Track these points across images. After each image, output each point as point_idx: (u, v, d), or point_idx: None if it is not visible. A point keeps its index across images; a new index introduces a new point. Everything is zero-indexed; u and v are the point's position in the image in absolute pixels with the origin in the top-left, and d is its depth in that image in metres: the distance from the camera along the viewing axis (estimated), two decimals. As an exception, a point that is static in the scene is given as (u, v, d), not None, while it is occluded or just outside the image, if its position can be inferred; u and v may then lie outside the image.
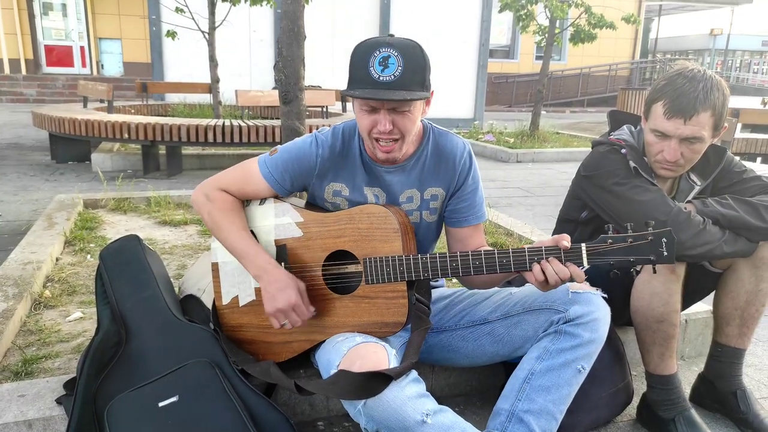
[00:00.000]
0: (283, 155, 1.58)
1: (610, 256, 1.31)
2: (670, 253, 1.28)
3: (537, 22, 9.69)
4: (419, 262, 1.41)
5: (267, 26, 10.92)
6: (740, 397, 1.78)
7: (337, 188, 1.58)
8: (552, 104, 18.88)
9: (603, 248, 1.31)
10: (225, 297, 1.64)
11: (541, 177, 6.74)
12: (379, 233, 1.45)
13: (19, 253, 2.69)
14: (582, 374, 1.47)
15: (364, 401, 1.25)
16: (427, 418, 1.25)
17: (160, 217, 3.69)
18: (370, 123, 1.42)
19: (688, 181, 1.78)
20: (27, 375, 1.80)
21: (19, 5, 14.66)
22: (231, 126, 5.59)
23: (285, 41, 2.99)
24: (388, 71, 1.35)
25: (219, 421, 1.40)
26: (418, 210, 1.61)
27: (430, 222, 1.64)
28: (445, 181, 1.60)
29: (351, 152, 1.58)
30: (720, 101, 1.56)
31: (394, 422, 1.24)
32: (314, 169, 1.56)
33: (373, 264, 1.44)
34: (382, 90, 1.35)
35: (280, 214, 1.58)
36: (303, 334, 1.55)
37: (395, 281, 1.44)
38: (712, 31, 36.17)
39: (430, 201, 1.61)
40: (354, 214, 1.49)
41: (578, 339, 1.45)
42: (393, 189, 1.58)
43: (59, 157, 6.39)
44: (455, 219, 1.65)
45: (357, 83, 1.38)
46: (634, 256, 1.30)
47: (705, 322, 2.20)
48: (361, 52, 1.38)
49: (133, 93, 11.18)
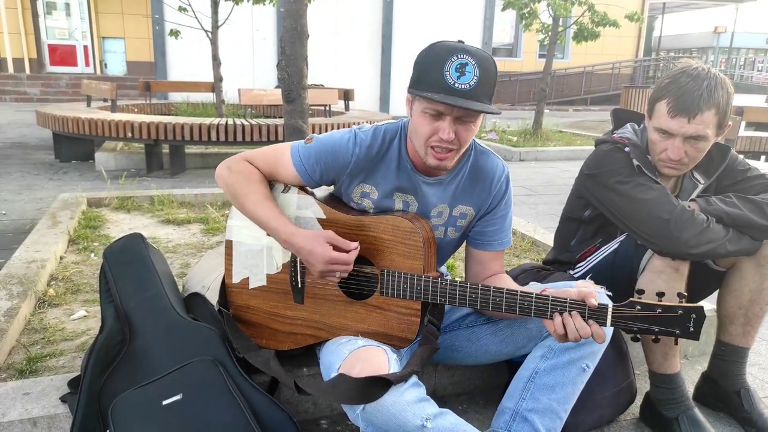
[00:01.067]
0: (318, 146, 1.51)
1: (634, 323, 1.28)
2: (697, 330, 1.25)
3: (540, 20, 9.66)
4: (438, 286, 1.38)
5: (270, 25, 10.92)
6: (744, 396, 1.78)
7: (366, 190, 1.53)
8: (555, 103, 18.84)
9: (629, 313, 1.28)
10: (236, 276, 1.63)
11: (544, 175, 6.73)
12: (402, 248, 1.42)
13: (23, 251, 2.70)
14: (586, 373, 1.46)
15: (363, 406, 1.24)
16: (427, 423, 1.23)
17: (163, 216, 3.70)
18: (431, 129, 1.36)
19: (691, 179, 1.78)
20: (31, 373, 1.81)
21: (22, 5, 14.70)
22: (234, 125, 5.60)
23: (288, 40, 2.99)
24: (464, 79, 1.29)
25: (222, 419, 1.40)
26: (444, 225, 1.57)
27: (453, 239, 1.60)
28: (477, 201, 1.56)
29: (389, 155, 1.51)
30: (724, 100, 1.56)
31: (393, 427, 1.23)
32: (347, 166, 1.50)
33: (391, 277, 1.42)
34: (458, 98, 1.29)
35: (302, 206, 1.54)
36: (309, 329, 1.55)
37: (411, 299, 1.41)
38: (716, 28, 36.05)
39: (458, 219, 1.57)
40: (379, 223, 1.45)
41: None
42: (427, 201, 1.53)
43: (63, 156, 6.41)
44: (480, 242, 1.60)
45: (429, 86, 1.30)
46: (659, 326, 1.27)
47: (709, 320, 2.18)
48: (435, 54, 1.31)
49: (137, 92, 11.22)
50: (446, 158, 1.40)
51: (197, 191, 4.27)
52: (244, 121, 5.84)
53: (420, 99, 1.34)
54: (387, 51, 11.58)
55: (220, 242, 3.17)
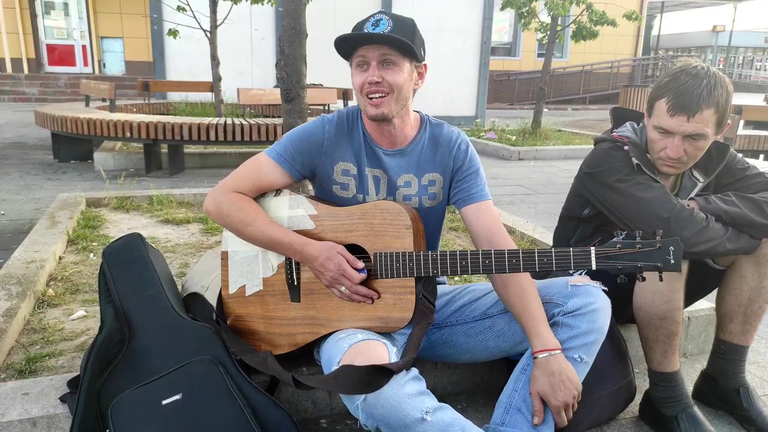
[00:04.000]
0: (290, 136, 1.60)
1: (618, 261, 1.32)
2: (677, 262, 1.29)
3: (539, 19, 9.67)
4: (429, 258, 1.42)
5: (268, 24, 10.92)
6: (743, 395, 1.78)
7: (345, 167, 1.61)
8: (554, 102, 18.85)
9: (612, 252, 1.32)
10: (232, 286, 1.64)
11: (544, 175, 6.73)
12: (392, 229, 1.46)
13: (22, 251, 2.69)
14: (581, 364, 1.47)
15: (365, 397, 1.25)
16: (426, 416, 1.25)
17: (162, 216, 3.70)
18: (362, 79, 1.48)
19: (691, 178, 1.78)
20: (31, 373, 1.81)
21: (21, 4, 14.68)
22: (233, 124, 5.60)
23: (287, 40, 2.99)
24: (379, 29, 1.43)
25: (222, 418, 1.40)
26: (417, 195, 1.64)
27: (429, 207, 1.66)
28: (441, 166, 1.64)
29: (355, 133, 1.62)
30: (723, 98, 1.56)
31: (393, 420, 1.24)
32: (322, 145, 1.58)
33: (384, 259, 1.45)
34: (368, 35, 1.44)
35: (294, 205, 1.58)
36: (307, 327, 1.55)
37: (404, 276, 1.44)
38: (715, 27, 36.06)
39: (428, 186, 1.65)
40: (367, 210, 1.50)
41: (575, 330, 1.46)
42: (391, 172, 1.62)
43: (62, 156, 6.40)
44: (462, 199, 1.64)
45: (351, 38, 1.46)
46: (641, 261, 1.31)
47: (708, 319, 2.20)
48: (360, 21, 1.49)
49: (135, 92, 11.19)
50: (381, 103, 1.49)
51: (196, 191, 4.26)
52: (243, 120, 5.84)
53: (348, 55, 1.50)
54: (386, 50, 11.59)
55: (219, 242, 3.17)
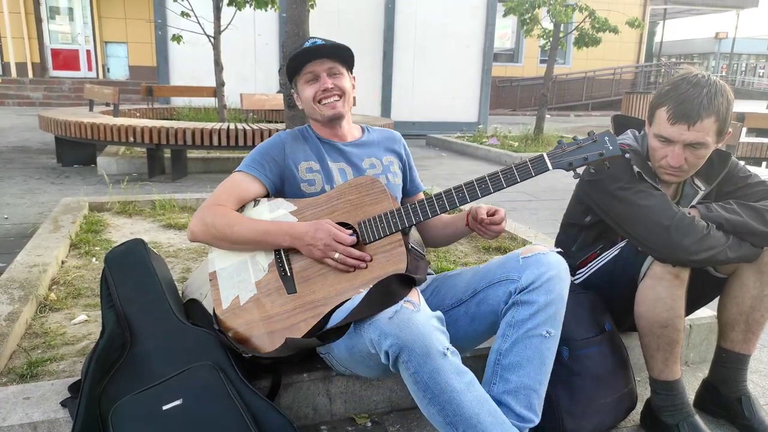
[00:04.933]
0: (254, 152, 1.78)
1: (566, 158, 1.52)
2: (614, 147, 1.50)
3: (541, 26, 9.69)
4: (408, 208, 1.57)
5: (272, 30, 10.95)
6: (745, 403, 1.78)
7: (308, 165, 1.76)
8: (556, 108, 18.86)
9: (559, 152, 1.53)
10: (225, 302, 1.63)
11: (546, 181, 6.73)
12: (369, 198, 1.62)
13: (25, 255, 2.70)
14: (551, 339, 1.47)
15: (391, 316, 1.29)
16: (447, 352, 1.31)
17: (165, 221, 3.71)
18: (314, 89, 1.72)
19: (692, 185, 1.78)
20: (32, 377, 1.81)
21: (26, 9, 14.77)
22: (236, 129, 5.62)
23: (290, 45, 3.00)
24: (317, 43, 1.70)
25: (222, 424, 1.40)
26: (383, 174, 1.83)
27: (395, 184, 1.86)
28: (394, 152, 1.91)
29: (309, 138, 1.82)
30: (724, 107, 1.56)
31: (419, 345, 1.27)
32: (283, 150, 1.76)
33: (368, 224, 1.58)
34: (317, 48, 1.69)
35: (274, 208, 1.69)
36: (308, 312, 1.53)
37: (390, 233, 1.56)
38: (718, 34, 36.09)
39: (390, 165, 1.87)
40: (343, 189, 1.66)
41: (534, 306, 1.45)
42: (354, 159, 1.80)
43: (65, 161, 6.42)
44: (412, 187, 1.97)
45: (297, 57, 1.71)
46: (586, 153, 1.51)
47: (709, 327, 2.20)
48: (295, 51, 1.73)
49: (139, 96, 11.25)
50: (337, 105, 1.75)
51: (199, 196, 4.27)
52: (246, 125, 5.86)
53: (298, 76, 1.75)
54: (389, 56, 11.61)
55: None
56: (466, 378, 1.33)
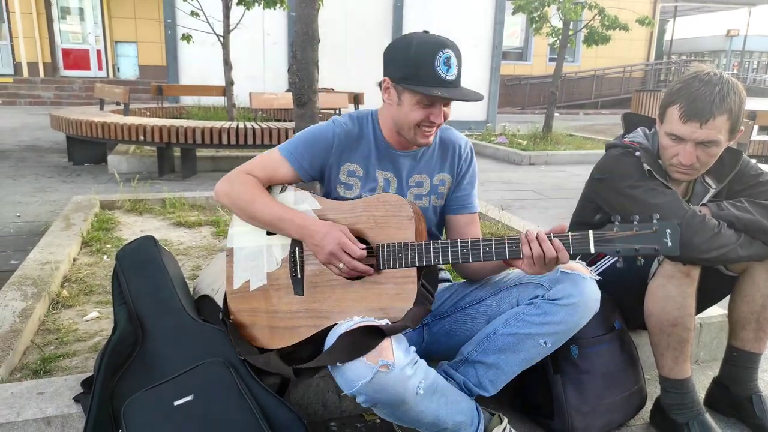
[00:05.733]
0: (301, 136, 1.67)
1: (616, 243, 1.33)
2: (674, 245, 1.29)
3: (550, 23, 9.65)
4: (431, 247, 1.45)
5: (281, 29, 10.98)
6: (756, 402, 1.77)
7: (351, 168, 1.66)
8: (565, 106, 18.78)
9: (609, 235, 1.33)
10: (237, 281, 1.65)
11: (555, 179, 6.71)
12: (394, 221, 1.50)
13: (37, 253, 2.73)
14: (545, 348, 1.51)
15: (369, 381, 1.28)
16: (419, 389, 1.33)
17: (175, 219, 3.73)
18: (424, 115, 1.52)
19: (703, 184, 1.77)
20: (45, 373, 1.84)
21: (37, 9, 14.88)
22: (245, 128, 5.64)
23: (299, 44, 3.01)
24: (451, 71, 1.48)
25: (233, 420, 1.42)
26: (428, 195, 1.70)
27: (437, 206, 1.73)
28: (451, 168, 1.72)
29: (365, 136, 1.67)
30: (736, 105, 1.55)
31: (393, 400, 1.32)
32: (331, 147, 1.64)
33: (387, 250, 1.49)
34: (452, 89, 1.49)
35: (299, 201, 1.62)
36: (309, 319, 1.55)
37: (406, 266, 1.47)
38: (729, 32, 35.73)
39: (439, 186, 1.71)
40: (370, 202, 1.54)
41: (549, 317, 1.47)
42: (403, 172, 1.68)
43: (76, 159, 6.48)
44: (456, 206, 1.74)
45: (425, 81, 1.47)
46: (639, 245, 1.32)
47: (720, 326, 2.18)
48: (421, 52, 1.47)
49: (149, 95, 11.30)
50: (432, 135, 1.59)
51: (208, 194, 4.30)
52: (255, 124, 5.88)
53: (414, 92, 1.50)
54: (397, 55, 11.60)
55: (231, 245, 3.19)
56: (436, 392, 1.40)
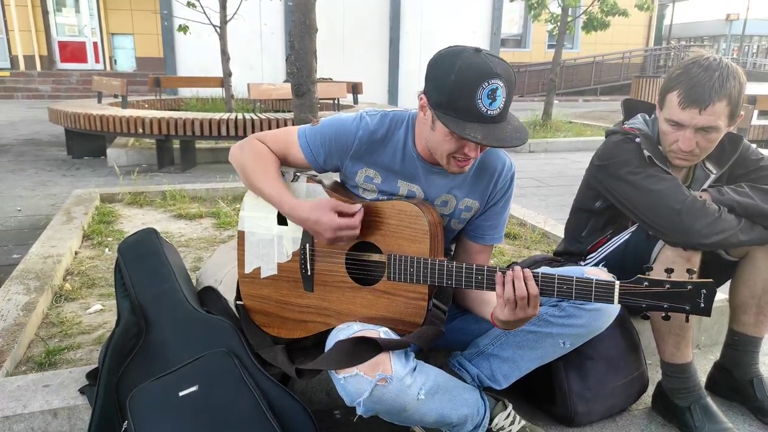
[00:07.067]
0: (323, 128, 1.55)
1: (642, 299, 1.24)
2: (708, 306, 1.21)
3: (549, 10, 9.59)
4: (444, 269, 1.38)
5: (278, 19, 10.93)
6: (757, 386, 1.78)
7: (369, 174, 1.55)
8: (565, 93, 18.70)
9: (637, 290, 1.25)
10: (248, 266, 1.65)
11: (555, 167, 6.70)
12: (408, 232, 1.43)
13: (39, 247, 2.74)
14: (563, 348, 1.51)
15: (369, 394, 1.27)
16: (420, 395, 1.32)
17: (175, 211, 3.73)
18: (457, 147, 1.36)
19: (703, 169, 1.77)
20: (50, 366, 1.85)
21: (32, 2, 14.79)
22: (243, 119, 5.63)
23: (297, 34, 3.00)
24: (495, 104, 1.28)
25: (238, 410, 1.43)
26: (449, 216, 1.58)
27: (455, 229, 1.63)
28: (482, 195, 1.57)
29: (393, 142, 1.52)
30: (736, 90, 1.55)
31: (393, 410, 1.32)
32: (350, 149, 1.52)
33: (398, 261, 1.42)
34: (491, 125, 1.29)
35: (311, 194, 1.56)
36: (319, 317, 1.56)
37: (417, 283, 1.42)
38: (728, 16, 35.48)
39: (464, 211, 1.59)
40: (386, 209, 1.46)
41: (573, 319, 1.47)
42: (432, 189, 1.54)
43: (75, 153, 6.47)
44: (474, 234, 1.63)
45: (462, 114, 1.28)
46: (668, 302, 1.23)
47: (721, 310, 2.19)
48: (465, 80, 1.26)
49: (146, 88, 11.25)
50: (467, 165, 1.44)
51: (208, 186, 4.30)
52: (254, 115, 5.86)
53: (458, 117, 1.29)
54: (395, 43, 11.55)
55: (232, 236, 3.20)
56: (438, 392, 1.38)
